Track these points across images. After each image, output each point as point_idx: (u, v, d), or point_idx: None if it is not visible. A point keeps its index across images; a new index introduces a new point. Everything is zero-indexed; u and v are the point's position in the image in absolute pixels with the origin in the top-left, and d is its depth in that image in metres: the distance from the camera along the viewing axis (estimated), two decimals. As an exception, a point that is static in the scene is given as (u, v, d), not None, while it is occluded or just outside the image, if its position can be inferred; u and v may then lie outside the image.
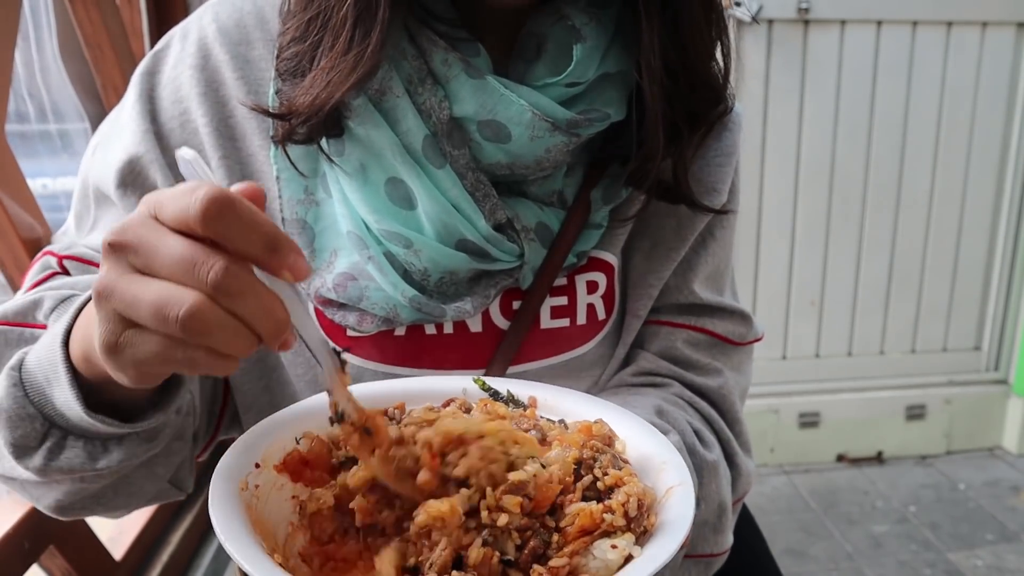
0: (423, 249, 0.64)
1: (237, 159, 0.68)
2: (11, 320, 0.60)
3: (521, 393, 0.59)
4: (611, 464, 0.49)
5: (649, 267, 0.75)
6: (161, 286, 0.40)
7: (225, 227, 0.39)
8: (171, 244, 0.40)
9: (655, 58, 0.63)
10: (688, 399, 0.75)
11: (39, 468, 0.55)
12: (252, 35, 0.68)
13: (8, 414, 0.53)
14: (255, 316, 0.41)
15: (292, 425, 0.53)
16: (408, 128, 0.62)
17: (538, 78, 0.64)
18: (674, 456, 0.51)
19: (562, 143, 0.64)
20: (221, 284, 0.39)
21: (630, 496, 0.46)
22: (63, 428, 0.54)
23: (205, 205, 0.38)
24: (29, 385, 0.53)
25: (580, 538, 0.44)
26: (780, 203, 2.42)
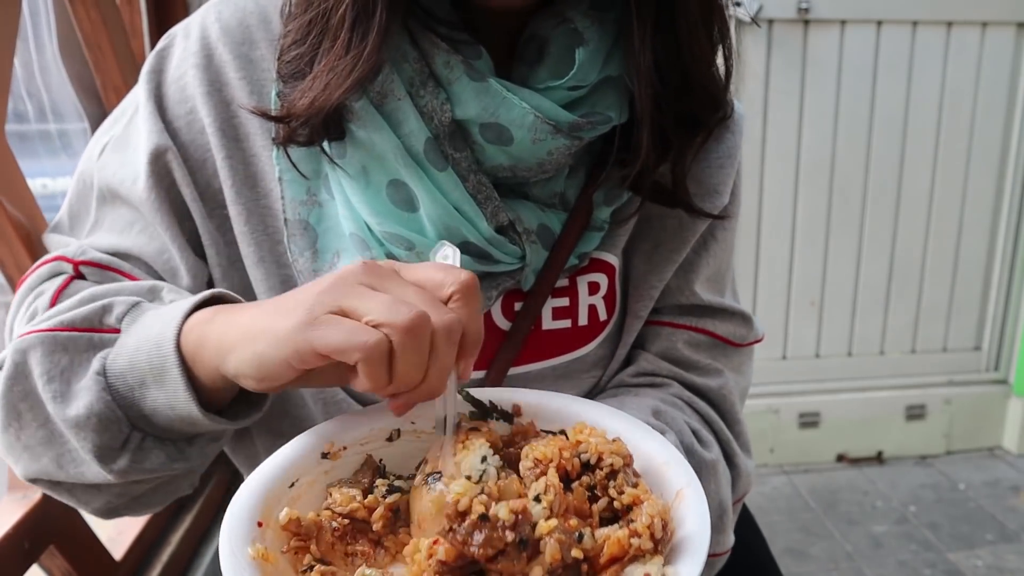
0: (425, 251, 0.64)
1: (241, 159, 0.68)
2: (80, 327, 0.59)
3: (503, 400, 0.57)
4: (625, 483, 0.48)
5: (650, 268, 0.75)
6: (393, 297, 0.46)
7: (469, 302, 0.47)
8: (411, 286, 0.48)
9: (645, 60, 0.62)
10: (687, 399, 0.75)
11: (123, 470, 0.57)
12: (255, 35, 0.68)
13: (99, 417, 0.55)
14: (438, 369, 0.47)
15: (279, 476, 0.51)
16: (410, 131, 0.62)
17: (540, 81, 0.64)
18: (673, 453, 0.51)
19: (564, 146, 0.64)
20: (448, 325, 0.46)
21: (653, 517, 0.45)
22: (142, 431, 0.57)
23: (469, 279, 0.48)
24: (116, 392, 0.56)
25: (610, 567, 0.44)
26: (780, 203, 2.41)
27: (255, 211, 0.68)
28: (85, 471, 0.58)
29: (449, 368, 0.47)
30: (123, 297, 0.61)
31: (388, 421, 0.56)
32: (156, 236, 0.68)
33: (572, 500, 0.47)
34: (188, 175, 0.67)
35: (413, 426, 0.56)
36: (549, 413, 0.57)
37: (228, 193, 0.68)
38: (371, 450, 0.55)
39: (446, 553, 0.43)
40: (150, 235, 0.68)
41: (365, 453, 0.55)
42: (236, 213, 0.68)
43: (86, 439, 0.56)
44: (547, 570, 0.43)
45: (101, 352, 0.58)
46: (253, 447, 0.76)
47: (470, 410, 0.56)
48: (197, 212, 0.68)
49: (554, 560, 0.42)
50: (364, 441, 0.55)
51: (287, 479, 0.50)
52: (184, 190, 0.67)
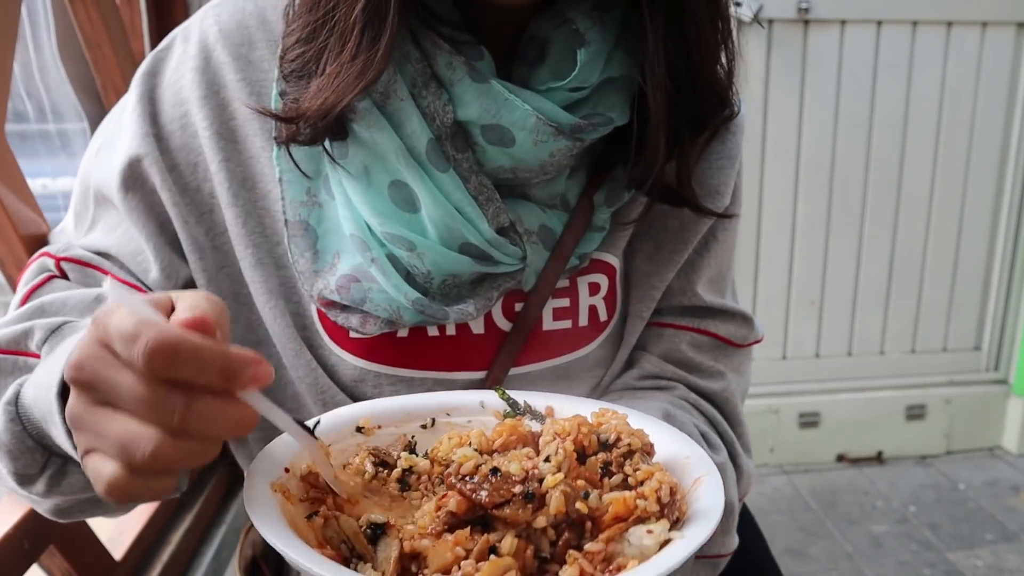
0: (426, 252, 0.64)
1: (239, 161, 0.68)
2: (4, 348, 0.59)
3: (538, 404, 0.59)
4: (641, 462, 0.49)
5: (652, 269, 0.75)
6: (125, 424, 0.40)
7: (175, 373, 0.39)
8: (129, 383, 0.40)
9: (659, 64, 0.62)
10: (693, 402, 0.76)
11: (43, 493, 0.56)
12: (254, 36, 0.68)
13: (8, 447, 0.54)
14: (221, 433, 0.41)
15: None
16: (412, 131, 0.62)
17: (542, 82, 0.64)
18: (695, 449, 0.52)
19: (566, 147, 0.64)
20: (183, 425, 0.40)
21: (662, 483, 0.46)
22: (62, 456, 0.55)
23: (149, 359, 0.38)
24: (27, 420, 0.54)
25: (614, 525, 0.45)
26: (780, 203, 2.41)
27: (253, 213, 0.68)
28: (15, 487, 0.57)
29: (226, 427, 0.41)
30: (45, 321, 0.60)
31: (424, 409, 0.58)
32: (134, 237, 0.68)
33: (584, 471, 0.48)
34: (171, 181, 0.67)
35: (448, 417, 0.59)
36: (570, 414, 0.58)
37: (224, 195, 0.67)
38: (404, 432, 0.57)
39: (457, 505, 0.45)
40: (130, 236, 0.68)
41: (399, 434, 0.57)
42: (233, 215, 0.67)
43: (3, 463, 0.55)
44: (550, 521, 0.44)
45: (21, 379, 0.56)
46: (249, 451, 0.76)
47: (504, 409, 0.59)
48: (178, 217, 0.67)
49: (558, 511, 0.44)
50: (398, 423, 0.57)
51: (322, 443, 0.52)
52: (163, 195, 0.67)
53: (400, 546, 0.45)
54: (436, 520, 0.46)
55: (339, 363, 0.69)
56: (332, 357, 0.69)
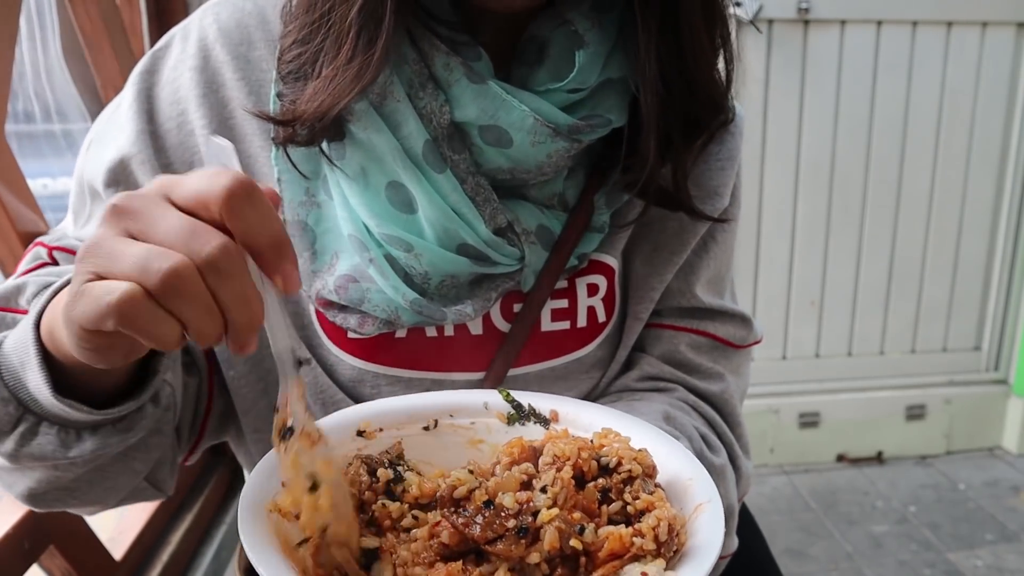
0: (424, 253, 0.64)
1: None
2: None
3: (542, 407, 0.59)
4: (642, 489, 0.48)
5: (650, 270, 0.75)
6: (147, 248, 0.39)
7: (243, 212, 0.39)
8: (173, 217, 0.39)
9: (651, 66, 0.62)
10: (692, 403, 0.76)
11: (10, 453, 0.55)
12: (253, 35, 0.68)
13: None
14: (233, 302, 0.40)
15: None
16: (409, 132, 0.62)
17: (540, 83, 0.64)
18: (699, 471, 0.51)
19: (563, 148, 0.64)
20: (213, 259, 0.39)
21: (660, 520, 0.45)
22: (37, 414, 0.54)
23: (233, 185, 0.39)
24: (5, 368, 0.53)
25: (610, 562, 0.44)
26: (780, 203, 2.41)
27: None
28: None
29: (242, 297, 0.40)
30: (37, 277, 0.60)
31: (427, 410, 0.57)
32: None
33: (581, 499, 0.47)
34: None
35: (451, 419, 0.58)
36: (583, 423, 0.57)
37: None
38: (405, 435, 0.56)
39: (449, 536, 0.44)
40: None
41: (399, 438, 0.56)
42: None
43: None
44: (544, 557, 0.43)
45: (8, 331, 0.56)
46: (247, 449, 0.76)
47: (509, 411, 0.58)
48: None
49: (552, 547, 0.43)
50: (400, 425, 0.56)
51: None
52: None
53: (394, 571, 0.45)
54: (429, 548, 0.45)
55: (337, 363, 0.69)
56: (331, 357, 0.69)
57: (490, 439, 0.58)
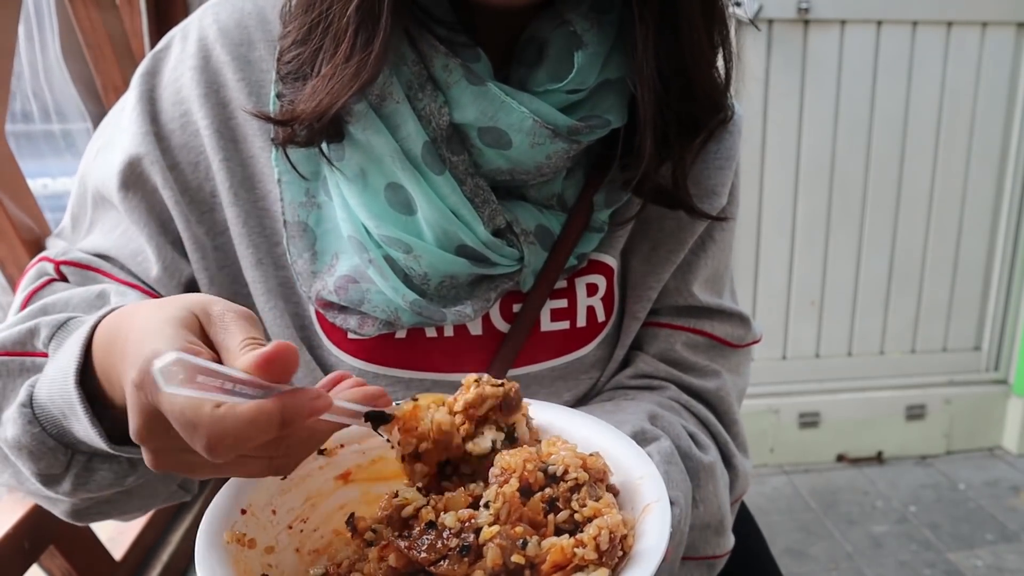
0: (423, 254, 0.64)
1: (239, 161, 0.68)
2: (10, 350, 0.59)
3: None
4: (589, 496, 0.48)
5: (648, 269, 0.75)
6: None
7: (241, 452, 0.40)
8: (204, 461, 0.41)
9: (648, 65, 0.62)
10: (684, 402, 0.75)
11: (69, 492, 0.56)
12: (253, 35, 0.68)
13: (29, 449, 0.54)
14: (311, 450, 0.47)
15: None
16: (408, 134, 0.62)
17: (539, 84, 0.64)
18: (650, 469, 0.51)
19: (562, 150, 0.64)
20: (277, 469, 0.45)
21: (602, 529, 0.45)
22: (87, 452, 0.55)
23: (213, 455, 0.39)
24: (45, 420, 0.54)
25: (554, 574, 0.44)
26: (780, 203, 2.41)
27: (253, 213, 0.68)
28: (40, 488, 0.57)
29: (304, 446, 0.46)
30: (49, 318, 0.59)
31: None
32: (133, 237, 0.68)
33: (527, 511, 0.47)
34: (172, 180, 0.67)
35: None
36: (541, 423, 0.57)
37: (225, 195, 0.67)
38: (367, 448, 0.56)
39: (396, 559, 0.46)
40: (129, 237, 0.68)
41: (362, 451, 0.55)
42: (234, 215, 0.67)
43: (25, 465, 0.56)
44: (488, 573, 0.44)
45: (31, 379, 0.56)
46: None
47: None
48: (180, 216, 0.67)
49: (495, 564, 0.44)
50: (362, 439, 0.55)
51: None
52: (165, 194, 0.67)
53: None
54: (379, 571, 0.46)
55: (337, 364, 0.69)
56: (331, 358, 0.69)
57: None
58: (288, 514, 0.53)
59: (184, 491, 0.68)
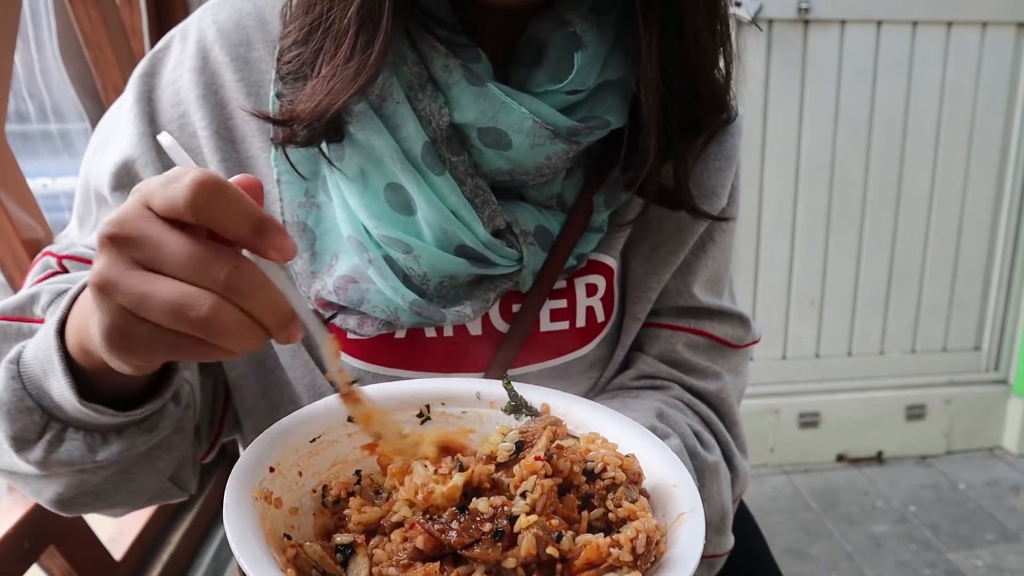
0: (422, 255, 0.64)
1: (237, 162, 0.68)
2: (9, 315, 0.60)
3: (534, 400, 0.58)
4: (625, 496, 0.48)
5: (649, 270, 0.75)
6: (175, 286, 0.40)
7: (212, 212, 0.40)
8: (176, 242, 0.40)
9: (653, 67, 0.62)
10: (687, 402, 0.76)
11: (39, 460, 0.55)
12: (252, 36, 0.68)
13: (7, 407, 0.54)
14: (264, 312, 0.42)
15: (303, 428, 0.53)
16: (408, 134, 0.62)
17: (539, 85, 0.64)
18: (684, 476, 0.51)
19: (562, 151, 0.64)
20: (233, 284, 0.40)
21: (639, 532, 0.45)
22: (62, 420, 0.55)
23: (193, 191, 0.39)
24: (27, 378, 0.54)
25: (586, 571, 0.44)
26: (780, 203, 2.41)
27: None
28: (15, 461, 0.57)
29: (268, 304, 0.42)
30: (51, 285, 0.61)
31: (419, 397, 0.57)
32: None
33: (562, 506, 0.47)
34: None
35: (443, 407, 0.58)
36: (572, 420, 0.57)
37: None
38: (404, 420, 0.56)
39: (424, 543, 0.44)
40: None
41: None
42: None
43: (1, 426, 0.55)
44: (520, 562, 0.44)
45: (27, 341, 0.57)
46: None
47: (505, 402, 0.58)
48: None
49: (529, 553, 0.43)
50: (392, 412, 0.55)
51: (309, 433, 0.51)
52: None
53: (370, 565, 0.45)
54: (403, 550, 0.45)
55: None
56: None
57: (481, 429, 0.58)
58: (313, 478, 0.53)
59: (179, 488, 0.68)
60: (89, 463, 0.56)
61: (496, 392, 0.59)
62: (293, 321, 0.43)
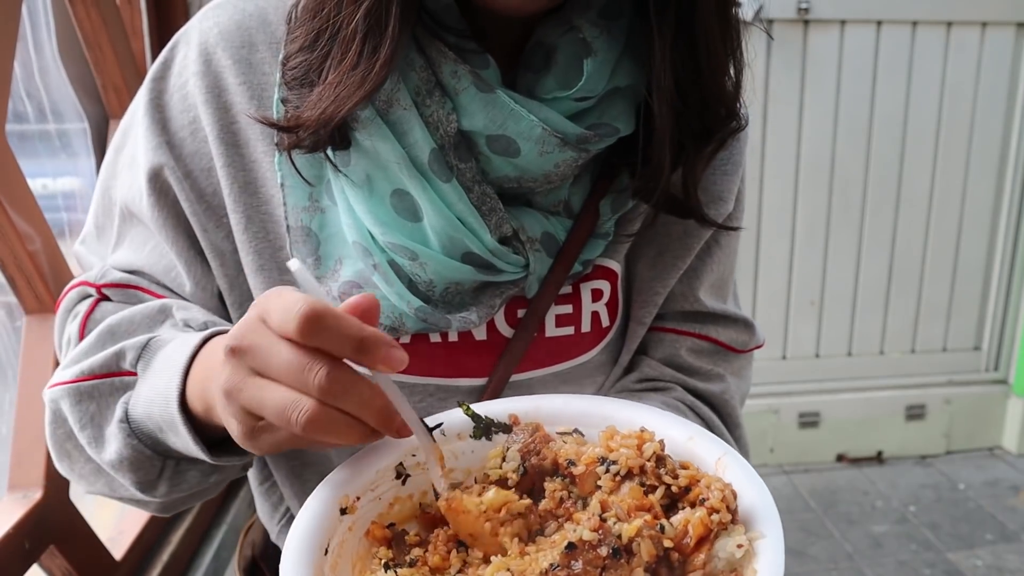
0: (428, 261, 0.63)
1: (240, 166, 0.67)
2: (99, 373, 0.63)
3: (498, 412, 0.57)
4: (674, 467, 0.49)
5: (654, 275, 0.75)
6: (280, 391, 0.46)
7: (319, 340, 0.45)
8: (282, 351, 0.46)
9: (666, 76, 0.61)
10: (689, 403, 0.75)
11: (164, 495, 0.63)
12: (255, 37, 0.67)
13: (130, 461, 0.60)
14: (360, 410, 0.47)
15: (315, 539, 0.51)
16: (415, 141, 0.61)
17: (547, 91, 0.63)
18: (695, 428, 0.52)
19: (571, 158, 0.63)
20: (325, 387, 0.45)
21: (723, 490, 0.46)
22: (175, 457, 0.61)
23: (300, 323, 0.44)
24: (142, 434, 0.60)
25: (701, 548, 0.45)
26: (780, 203, 2.42)
27: (255, 218, 0.67)
28: (134, 495, 0.64)
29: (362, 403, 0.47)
30: (133, 340, 0.63)
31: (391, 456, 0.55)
32: (164, 254, 0.69)
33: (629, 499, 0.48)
34: (189, 189, 0.67)
35: (415, 458, 0.56)
36: (548, 416, 0.57)
37: (228, 200, 0.67)
38: (382, 493, 0.55)
39: None
40: (160, 253, 0.70)
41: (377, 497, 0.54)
42: (235, 220, 0.67)
43: (124, 477, 0.61)
44: (646, 568, 0.44)
45: (124, 397, 0.62)
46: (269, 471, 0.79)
47: (473, 427, 0.57)
48: (198, 225, 0.68)
49: (651, 556, 0.44)
50: (374, 485, 0.54)
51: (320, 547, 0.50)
52: (185, 205, 0.67)
53: None
54: None
55: None
56: None
57: (459, 464, 0.56)
58: None
59: (244, 470, 0.72)
60: (206, 484, 0.64)
61: (458, 421, 0.57)
62: (391, 416, 0.49)
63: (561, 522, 0.50)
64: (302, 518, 0.51)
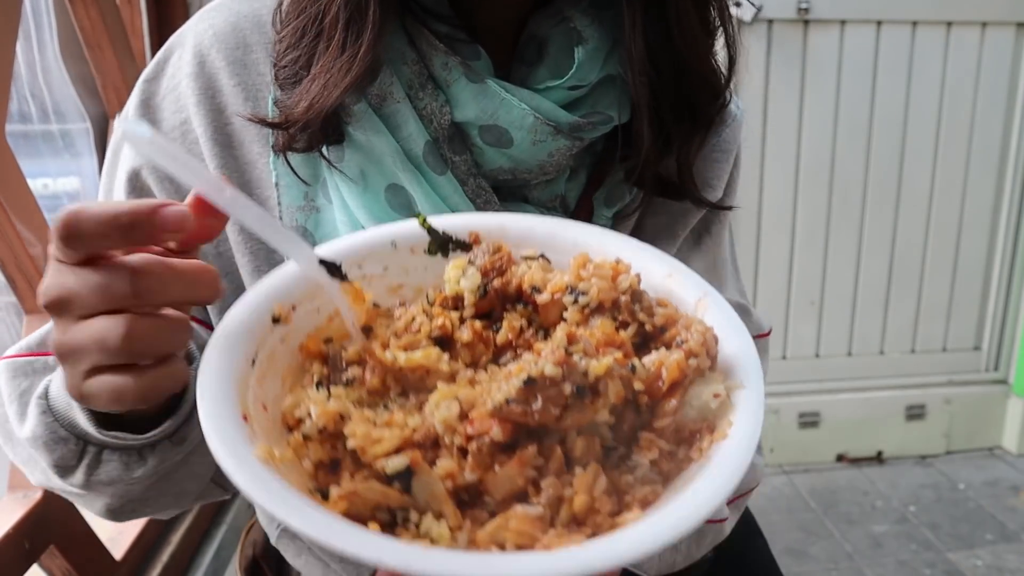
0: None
1: (235, 167, 0.67)
2: (35, 350, 0.62)
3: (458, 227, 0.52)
4: (651, 304, 0.44)
5: None
6: (92, 324, 0.41)
7: (85, 245, 0.40)
8: (80, 278, 0.40)
9: (637, 47, 0.61)
10: None
11: (82, 483, 0.58)
12: (250, 39, 0.67)
13: (43, 439, 0.57)
14: (178, 293, 0.42)
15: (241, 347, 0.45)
16: (409, 134, 0.62)
17: (540, 81, 0.64)
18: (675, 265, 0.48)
19: (565, 147, 0.64)
20: (137, 292, 0.40)
21: (704, 333, 0.41)
22: (97, 444, 0.57)
23: (59, 240, 0.39)
24: (56, 411, 0.57)
25: (673, 393, 0.41)
26: (780, 203, 2.41)
27: None
28: (61, 484, 0.59)
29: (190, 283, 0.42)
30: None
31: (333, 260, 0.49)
32: None
33: (598, 334, 0.42)
34: (172, 191, 0.66)
35: (360, 270, 0.51)
36: (515, 237, 0.51)
37: None
38: (320, 305, 0.48)
39: (503, 432, 0.38)
40: None
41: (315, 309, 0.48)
42: (230, 222, 0.67)
43: (42, 457, 0.58)
44: (612, 410, 0.40)
45: (52, 375, 0.58)
46: None
47: (428, 241, 0.52)
48: None
49: (618, 398, 0.40)
50: (313, 295, 0.48)
51: (246, 356, 0.44)
52: None
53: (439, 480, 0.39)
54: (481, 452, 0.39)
55: None
56: None
57: (409, 280, 0.51)
58: (276, 404, 0.44)
59: (222, 488, 0.69)
60: (128, 479, 0.58)
61: (413, 234, 0.51)
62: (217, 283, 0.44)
63: (519, 352, 0.44)
64: (227, 325, 0.44)
